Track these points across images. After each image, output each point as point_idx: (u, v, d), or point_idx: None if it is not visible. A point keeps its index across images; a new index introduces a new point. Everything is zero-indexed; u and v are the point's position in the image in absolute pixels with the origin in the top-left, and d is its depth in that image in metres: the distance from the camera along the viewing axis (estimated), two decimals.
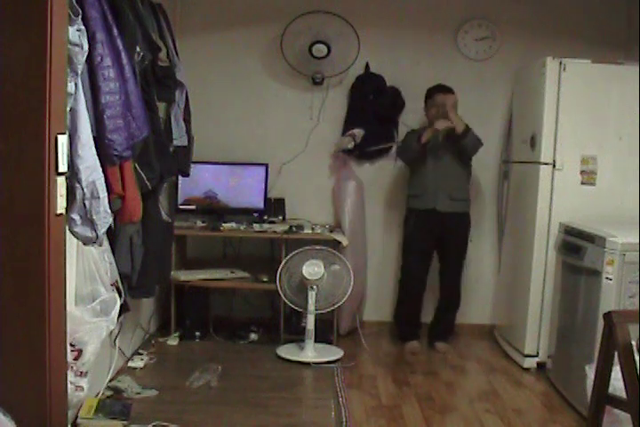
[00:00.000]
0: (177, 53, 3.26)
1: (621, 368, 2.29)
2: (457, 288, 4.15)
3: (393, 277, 4.40)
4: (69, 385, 2.36)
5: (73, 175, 2.21)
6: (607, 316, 2.38)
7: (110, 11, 2.47)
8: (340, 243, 4.02)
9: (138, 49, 2.67)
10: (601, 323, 2.48)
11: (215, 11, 4.36)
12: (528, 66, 3.91)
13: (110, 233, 2.75)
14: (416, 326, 4.17)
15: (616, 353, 2.33)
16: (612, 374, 2.42)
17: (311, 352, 3.80)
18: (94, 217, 2.28)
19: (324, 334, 4.01)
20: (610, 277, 2.99)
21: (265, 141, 4.42)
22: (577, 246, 3.29)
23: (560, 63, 3.58)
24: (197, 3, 4.33)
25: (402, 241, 4.21)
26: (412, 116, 4.33)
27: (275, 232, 4.05)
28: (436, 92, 3.98)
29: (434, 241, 4.06)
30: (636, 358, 2.31)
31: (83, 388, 2.51)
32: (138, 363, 3.56)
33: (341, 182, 4.36)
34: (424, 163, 3.98)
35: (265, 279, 4.05)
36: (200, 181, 4.22)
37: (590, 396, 2.51)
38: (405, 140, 4.11)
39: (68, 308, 2.24)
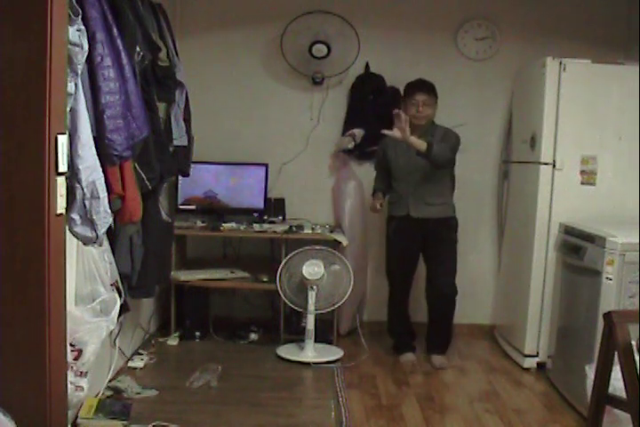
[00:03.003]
0: (177, 53, 3.26)
1: (621, 368, 2.29)
2: (451, 289, 3.86)
3: None
4: (69, 385, 2.36)
5: (73, 175, 2.21)
6: (607, 316, 2.38)
7: (110, 11, 2.48)
8: (340, 243, 4.01)
9: (138, 49, 2.68)
10: (601, 323, 2.48)
11: (215, 11, 4.35)
12: (528, 66, 3.91)
13: (110, 233, 2.75)
14: (409, 335, 4.04)
15: (616, 353, 2.33)
16: (612, 374, 2.42)
17: (311, 352, 3.80)
18: (94, 217, 2.28)
19: (324, 334, 4.01)
20: (610, 277, 2.99)
21: (265, 141, 4.42)
22: (577, 246, 3.29)
23: (560, 63, 3.58)
24: (197, 3, 4.33)
25: (385, 248, 4.03)
26: None
27: (275, 232, 4.05)
28: (418, 91, 3.76)
29: (416, 247, 3.90)
30: (636, 358, 2.31)
31: (83, 388, 2.51)
32: (138, 363, 3.56)
33: (341, 182, 4.36)
34: (397, 169, 3.84)
35: (265, 279, 4.05)
36: (200, 181, 4.22)
37: (590, 396, 2.52)
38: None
39: (68, 308, 2.25)
